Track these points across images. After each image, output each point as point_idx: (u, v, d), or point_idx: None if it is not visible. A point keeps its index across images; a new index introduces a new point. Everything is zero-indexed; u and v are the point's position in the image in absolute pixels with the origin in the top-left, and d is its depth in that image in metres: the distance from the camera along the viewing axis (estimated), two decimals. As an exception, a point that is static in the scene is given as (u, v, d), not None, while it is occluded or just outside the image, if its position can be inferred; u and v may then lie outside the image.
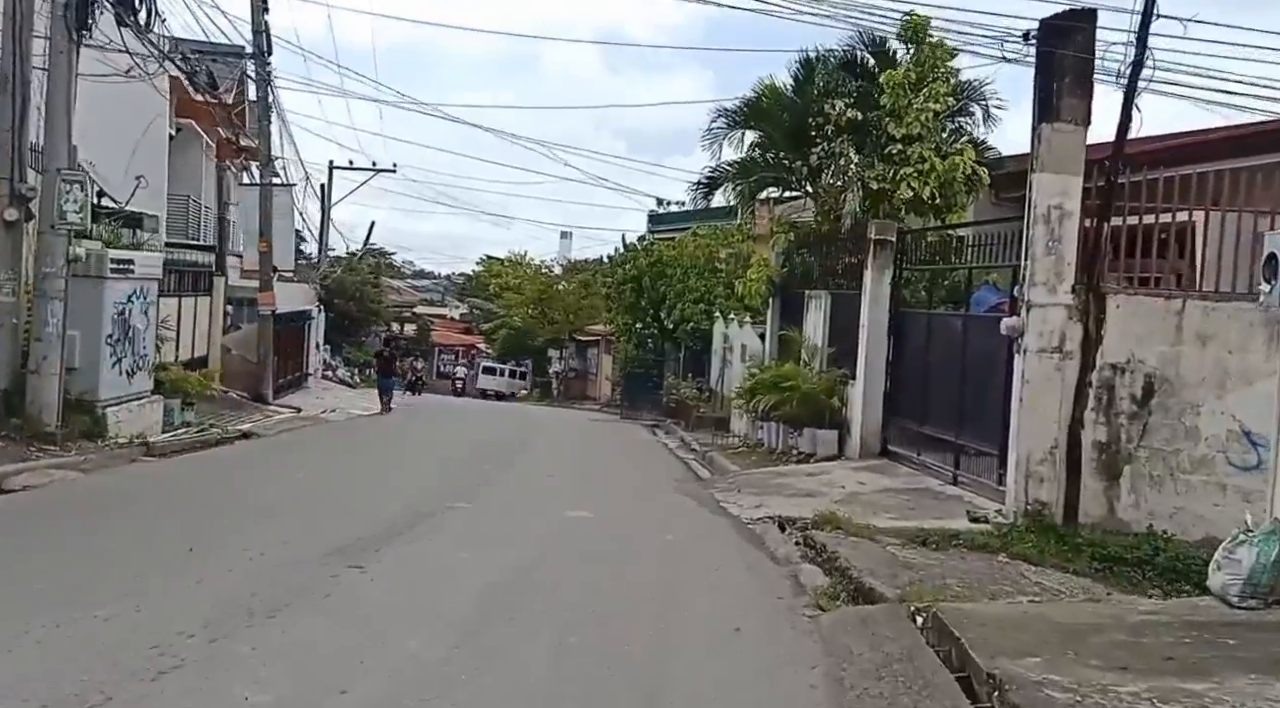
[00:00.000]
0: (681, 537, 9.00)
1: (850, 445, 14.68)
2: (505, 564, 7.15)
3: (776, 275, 18.64)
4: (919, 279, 15.33)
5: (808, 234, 17.96)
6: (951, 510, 10.80)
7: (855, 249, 16.00)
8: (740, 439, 18.94)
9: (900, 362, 14.17)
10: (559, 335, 45.41)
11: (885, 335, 14.28)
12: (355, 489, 10.99)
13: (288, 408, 21.80)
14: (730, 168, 18.45)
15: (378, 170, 52.67)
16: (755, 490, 12.36)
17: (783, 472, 13.90)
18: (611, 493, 12.04)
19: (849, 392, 14.94)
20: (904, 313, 14.31)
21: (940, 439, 12.66)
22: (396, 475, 12.55)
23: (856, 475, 13.05)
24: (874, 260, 14.35)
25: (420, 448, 16.74)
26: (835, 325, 16.11)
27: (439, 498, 10.17)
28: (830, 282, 16.77)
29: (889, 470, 13.25)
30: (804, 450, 15.34)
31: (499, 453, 16.22)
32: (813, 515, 10.22)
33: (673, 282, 28.20)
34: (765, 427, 17.05)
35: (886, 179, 16.18)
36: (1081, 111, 9.70)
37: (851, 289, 15.63)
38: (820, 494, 11.89)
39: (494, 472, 13.22)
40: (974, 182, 16.22)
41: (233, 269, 23.25)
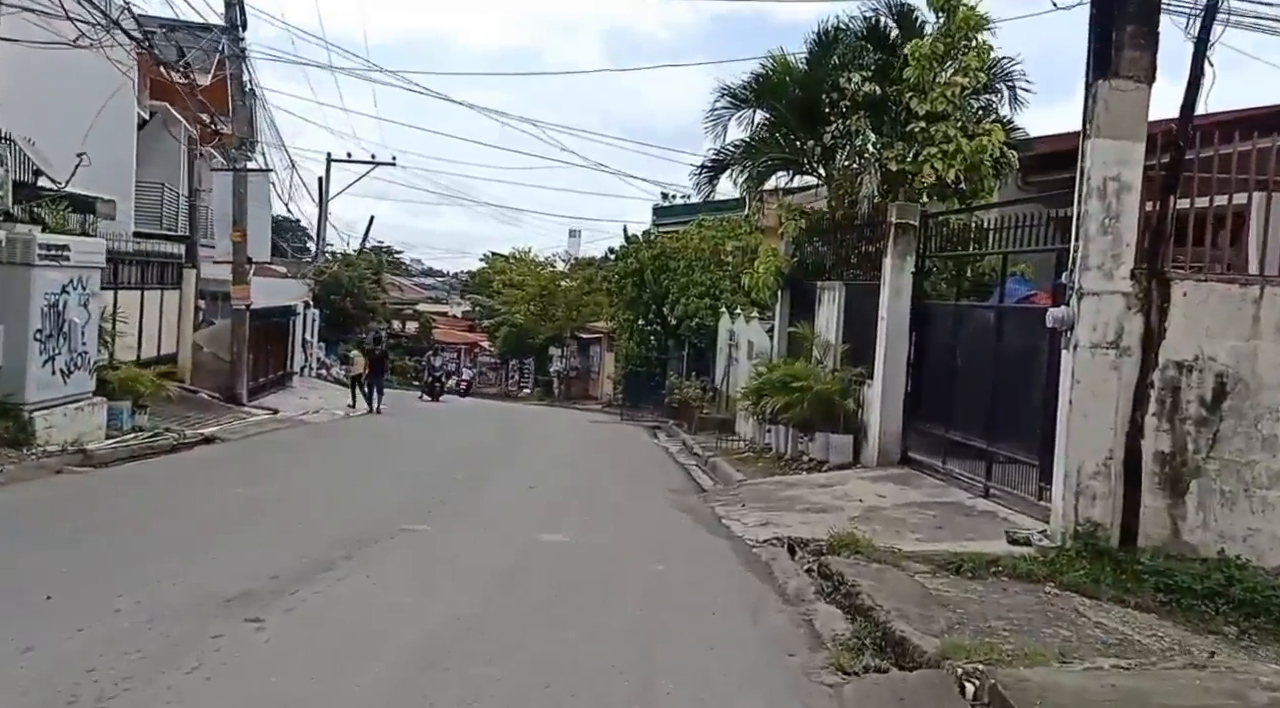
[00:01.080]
0: (673, 567, 7.60)
1: (867, 452, 13.28)
2: (441, 617, 5.71)
3: (786, 266, 17.23)
4: (943, 269, 13.92)
5: (820, 221, 16.53)
6: (986, 529, 9.41)
7: (873, 236, 14.60)
8: (746, 443, 17.55)
9: (923, 359, 12.76)
10: (560, 333, 43.97)
11: (906, 330, 12.87)
12: (299, 506, 9.59)
13: (264, 409, 20.45)
14: (736, 149, 17.03)
15: (376, 163, 51.58)
16: (762, 504, 10.98)
17: (792, 482, 12.49)
18: (598, 508, 10.64)
19: (865, 393, 13.53)
20: (927, 305, 12.90)
21: (969, 446, 11.25)
22: (354, 488, 11.19)
23: (875, 487, 11.64)
24: (894, 247, 12.94)
25: (395, 453, 15.37)
26: (850, 320, 14.70)
27: (395, 518, 8.80)
28: (844, 272, 15.35)
29: (911, 481, 11.84)
30: (815, 457, 13.95)
31: (481, 459, 14.87)
32: (828, 537, 8.85)
33: (676, 275, 26.77)
34: (773, 430, 15.66)
35: (907, 160, 14.75)
36: (1144, 65, 8.27)
37: (868, 280, 14.22)
38: (835, 509, 10.50)
39: (468, 482, 11.85)
40: (1003, 165, 14.80)
41: (207, 261, 21.89)
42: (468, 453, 15.84)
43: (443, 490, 11.00)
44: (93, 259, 12.69)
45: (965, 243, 12.98)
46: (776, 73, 16.55)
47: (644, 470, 15.14)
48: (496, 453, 16.12)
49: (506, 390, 55.48)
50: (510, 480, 12.40)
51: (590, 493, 11.80)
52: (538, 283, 44.69)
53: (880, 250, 14.00)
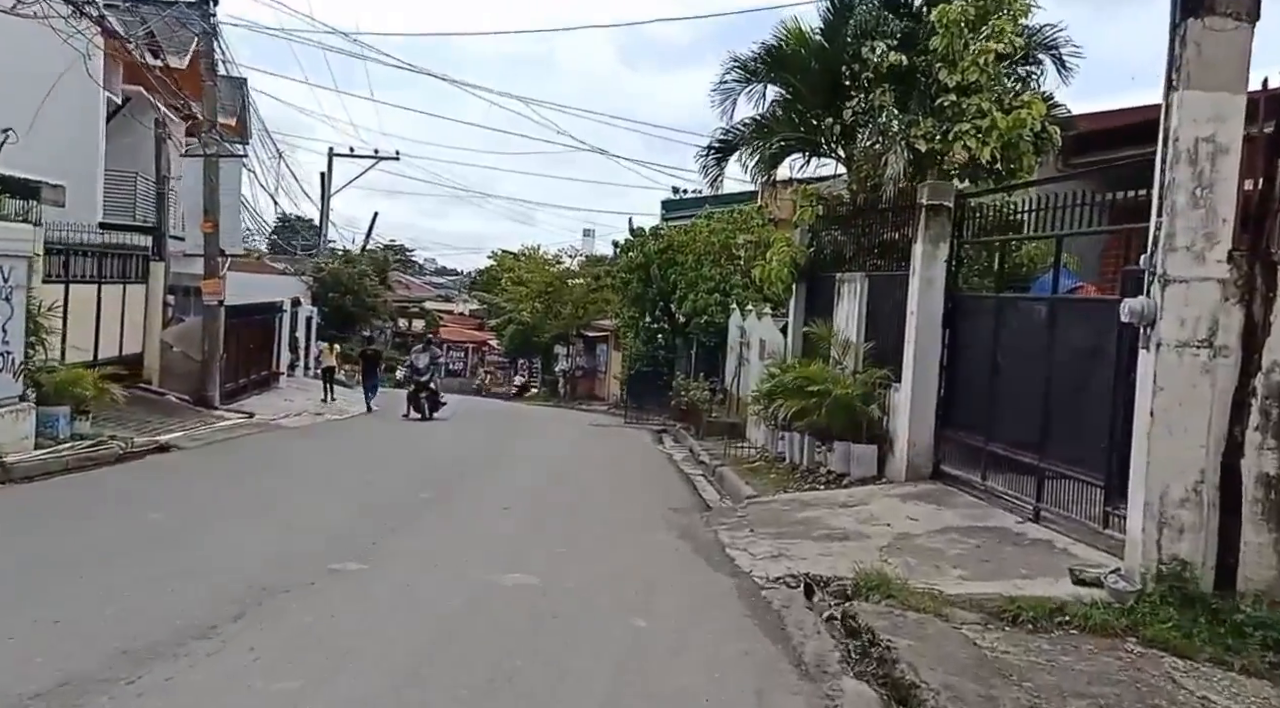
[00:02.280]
0: (661, 622, 6.08)
1: (893, 465, 11.73)
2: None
3: (801, 257, 15.66)
4: (976, 259, 12.38)
5: (839, 206, 14.97)
6: (1042, 564, 7.87)
7: (899, 221, 13.03)
8: (757, 451, 16.01)
9: (958, 360, 11.21)
10: (566, 331, 42.42)
11: (939, 326, 11.33)
12: (215, 536, 7.99)
13: (238, 413, 19.01)
14: (746, 129, 15.47)
15: (380, 157, 50.42)
16: (773, 529, 9.45)
17: (809, 500, 10.95)
18: (582, 535, 9.07)
19: (892, 397, 11.99)
20: (963, 298, 11.35)
21: (1015, 460, 9.71)
22: (296, 510, 9.65)
23: (905, 507, 10.10)
24: (925, 232, 11.38)
25: (361, 464, 13.87)
26: (874, 315, 13.15)
27: (328, 552, 7.31)
28: (867, 262, 13.78)
29: (946, 500, 10.28)
30: (835, 470, 12.42)
31: (459, 471, 13.38)
32: (853, 574, 7.36)
33: (684, 270, 25.23)
34: (787, 438, 14.13)
35: (936, 138, 13.17)
36: (1247, 0, 6.74)
37: (894, 270, 12.67)
38: (859, 537, 8.96)
39: (433, 503, 10.34)
40: (1044, 142, 13.22)
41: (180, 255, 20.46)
42: (446, 463, 14.35)
43: (400, 514, 9.47)
44: (18, 247, 11.25)
45: (1004, 228, 11.42)
46: (791, 44, 14.98)
47: (643, 484, 13.62)
48: (479, 463, 14.62)
49: (515, 389, 54.21)
50: (484, 499, 10.88)
51: (576, 514, 10.27)
52: (543, 279, 43.12)
53: (909, 237, 12.47)
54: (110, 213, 21.17)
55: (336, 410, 24.07)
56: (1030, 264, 12.86)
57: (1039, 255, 12.70)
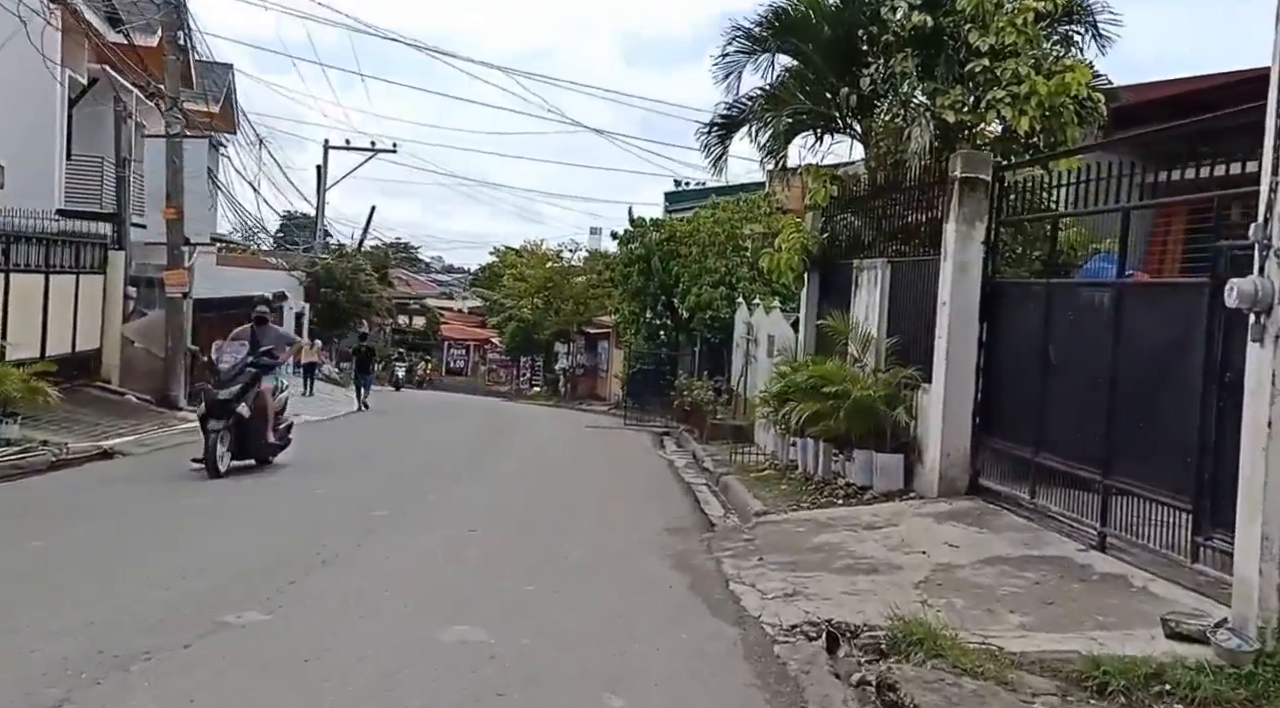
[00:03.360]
0: (643, 697, 4.63)
1: (923, 477, 10.27)
2: None
3: (814, 244, 14.17)
4: (1014, 241, 10.92)
5: (855, 186, 13.48)
6: (1121, 608, 6.40)
7: (925, 201, 11.57)
8: (766, 458, 14.55)
9: (999, 356, 9.75)
10: (567, 328, 40.94)
11: (975, 318, 9.86)
12: (98, 573, 6.34)
13: (206, 414, 17.60)
14: (752, 102, 13.99)
15: (377, 150, 49.05)
16: (787, 556, 7.99)
17: (827, 519, 9.48)
18: (556, 565, 7.54)
19: (920, 400, 10.52)
20: (1005, 284, 9.89)
21: (1072, 475, 8.25)
22: (215, 532, 8.14)
23: (941, 530, 8.64)
24: (959, 209, 9.90)
25: (325, 473, 12.41)
26: (897, 307, 11.68)
27: (228, 594, 5.83)
28: (889, 248, 12.30)
29: (989, 522, 8.81)
30: (855, 482, 10.96)
31: (430, 481, 11.91)
32: (888, 621, 5.91)
33: (687, 262, 23.77)
34: (799, 444, 12.68)
35: (966, 108, 11.70)
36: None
37: (921, 255, 11.21)
38: (890, 568, 7.50)
39: (386, 522, 8.85)
40: (1089, 111, 11.73)
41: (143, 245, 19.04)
42: (419, 471, 12.90)
43: (341, 538, 7.96)
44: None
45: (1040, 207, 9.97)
46: (801, 6, 13.49)
47: (638, 497, 12.15)
48: (457, 470, 13.17)
49: (518, 388, 52.86)
50: (449, 518, 9.40)
51: (555, 538, 8.78)
52: (541, 273, 41.66)
53: (937, 217, 11.01)
54: (76, 200, 19.83)
55: (316, 410, 22.67)
56: (1070, 250, 11.34)
57: (1080, 241, 11.22)
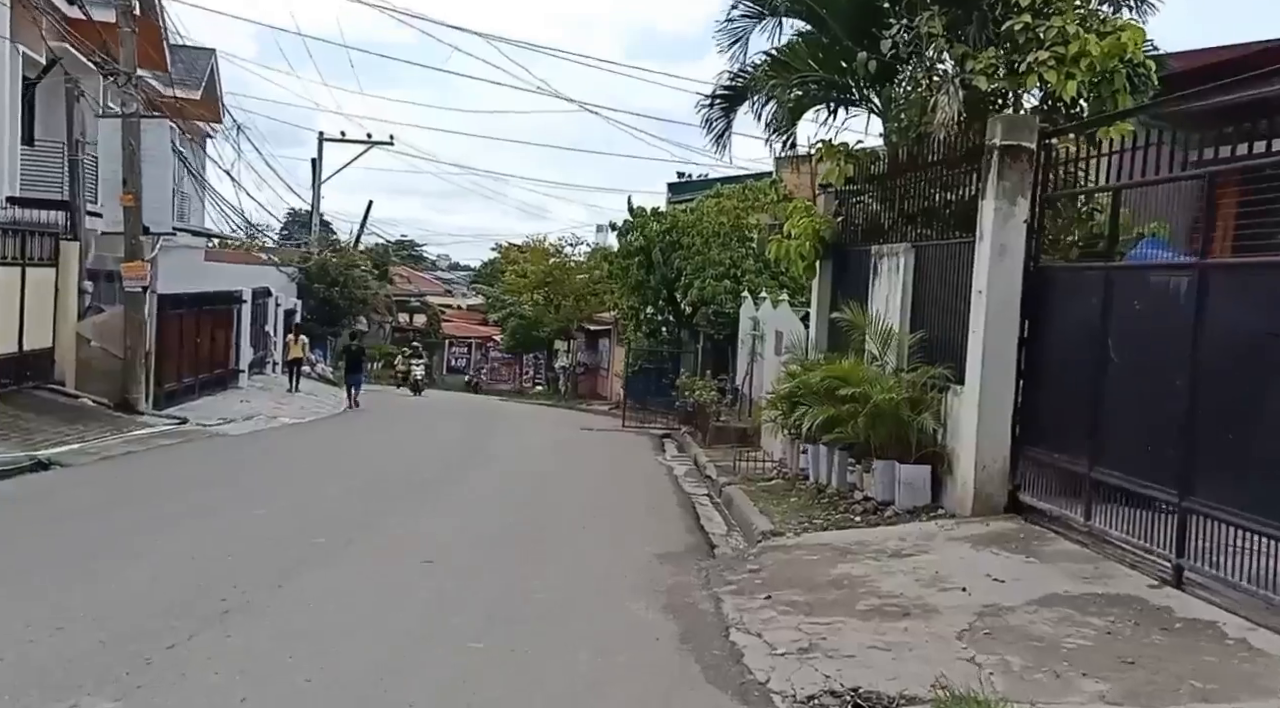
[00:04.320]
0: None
1: (953, 492, 8.93)
2: None
3: (827, 229, 12.80)
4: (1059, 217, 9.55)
5: (873, 163, 12.11)
6: (1221, 669, 5.07)
7: (955, 178, 10.21)
8: (774, 466, 13.22)
9: (1045, 353, 8.39)
10: (567, 325, 39.56)
11: (1017, 309, 8.51)
12: None
13: (169, 419, 16.36)
14: (759, 69, 12.64)
15: (373, 143, 47.73)
16: (800, 594, 6.65)
17: (846, 544, 8.12)
18: (517, 614, 6.08)
19: (950, 404, 9.18)
20: (1053, 270, 8.54)
21: (1138, 494, 6.90)
22: (107, 573, 6.60)
23: (980, 558, 7.30)
24: (998, 184, 8.54)
25: (268, 487, 11.03)
26: (922, 298, 10.34)
27: (74, 668, 4.54)
28: (913, 231, 10.94)
29: (1036, 548, 7.47)
30: (874, 496, 9.62)
31: (394, 496, 10.57)
32: (930, 692, 4.62)
33: (690, 254, 22.38)
34: (811, 452, 11.35)
35: (1001, 73, 10.33)
36: None
37: (951, 238, 9.85)
38: (926, 610, 6.16)
39: (324, 552, 7.44)
40: (1142, 78, 10.35)
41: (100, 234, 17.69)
42: (386, 483, 11.56)
43: (259, 575, 6.58)
44: None
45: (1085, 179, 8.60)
46: (815, -38, 12.16)
47: (630, 512, 10.79)
48: (430, 482, 11.82)
49: (520, 387, 51.56)
50: (405, 543, 8.02)
51: (525, 568, 7.40)
52: (540, 268, 40.30)
53: (969, 195, 9.68)
54: (38, 188, 18.56)
55: (298, 412, 21.42)
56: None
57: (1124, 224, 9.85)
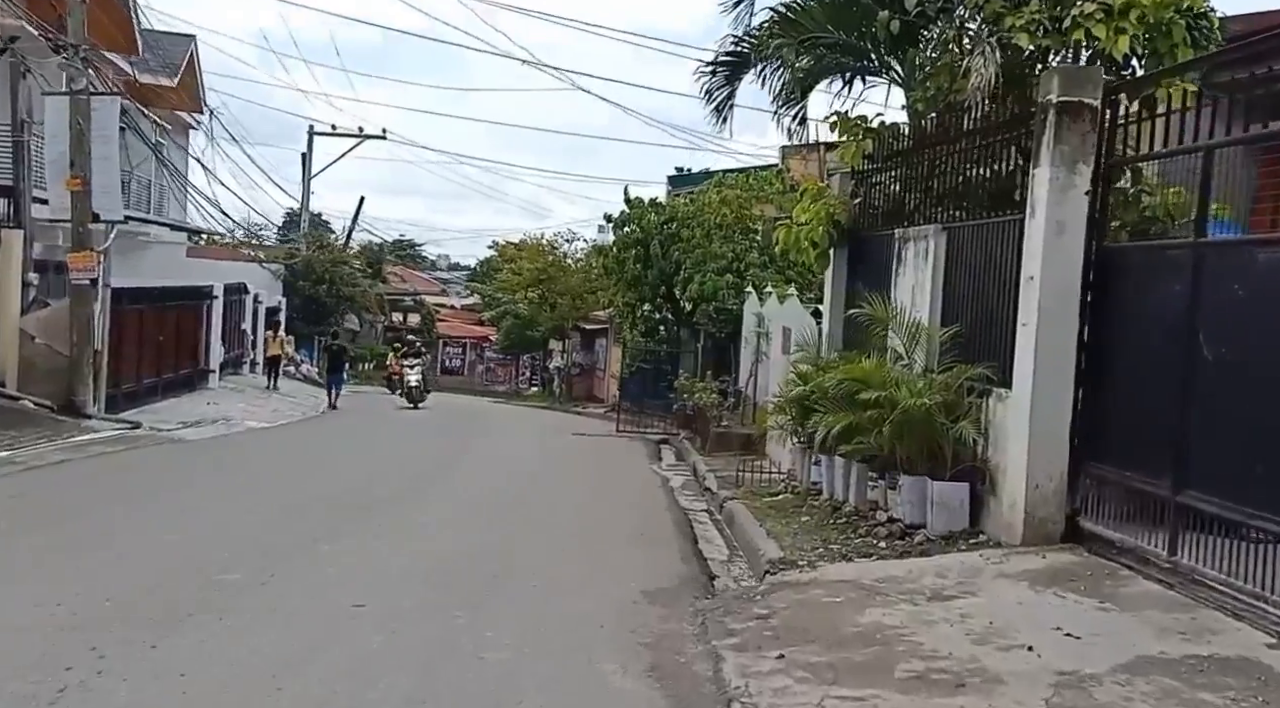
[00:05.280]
0: None
1: (997, 515, 7.54)
2: None
3: (842, 212, 11.40)
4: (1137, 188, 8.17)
5: (896, 138, 10.71)
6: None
7: (992, 150, 8.83)
8: (783, 478, 11.84)
9: (1114, 350, 7.01)
10: (562, 324, 38.12)
11: (1077, 298, 7.13)
12: None
13: (118, 423, 14.99)
14: (766, 32, 11.25)
15: (365, 136, 46.39)
16: (821, 654, 5.24)
17: (874, 581, 6.70)
18: (454, 684, 4.79)
19: (993, 411, 7.78)
20: (1122, 250, 7.18)
21: (1242, 524, 5.52)
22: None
23: (1040, 601, 5.91)
24: (1054, 148, 7.14)
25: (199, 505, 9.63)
26: (956, 287, 8.95)
27: None
28: (942, 212, 9.53)
29: (1109, 588, 6.07)
30: (901, 517, 8.23)
31: (339, 516, 9.10)
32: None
33: (690, 246, 20.99)
34: (825, 464, 9.99)
35: (1042, 30, 8.96)
36: None
37: (992, 217, 8.47)
38: (986, 679, 4.75)
39: (227, 594, 5.98)
40: (1203, 33, 8.98)
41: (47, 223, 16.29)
42: (334, 499, 10.07)
43: (129, 631, 5.15)
44: None
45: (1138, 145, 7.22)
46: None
47: (617, 535, 9.36)
48: (387, 498, 10.37)
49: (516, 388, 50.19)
50: (334, 581, 6.57)
51: (476, 616, 6.01)
52: (534, 264, 38.88)
53: (1012, 166, 8.32)
54: (-10, 174, 17.21)
55: (270, 414, 20.07)
56: (1166, 217, 8.56)
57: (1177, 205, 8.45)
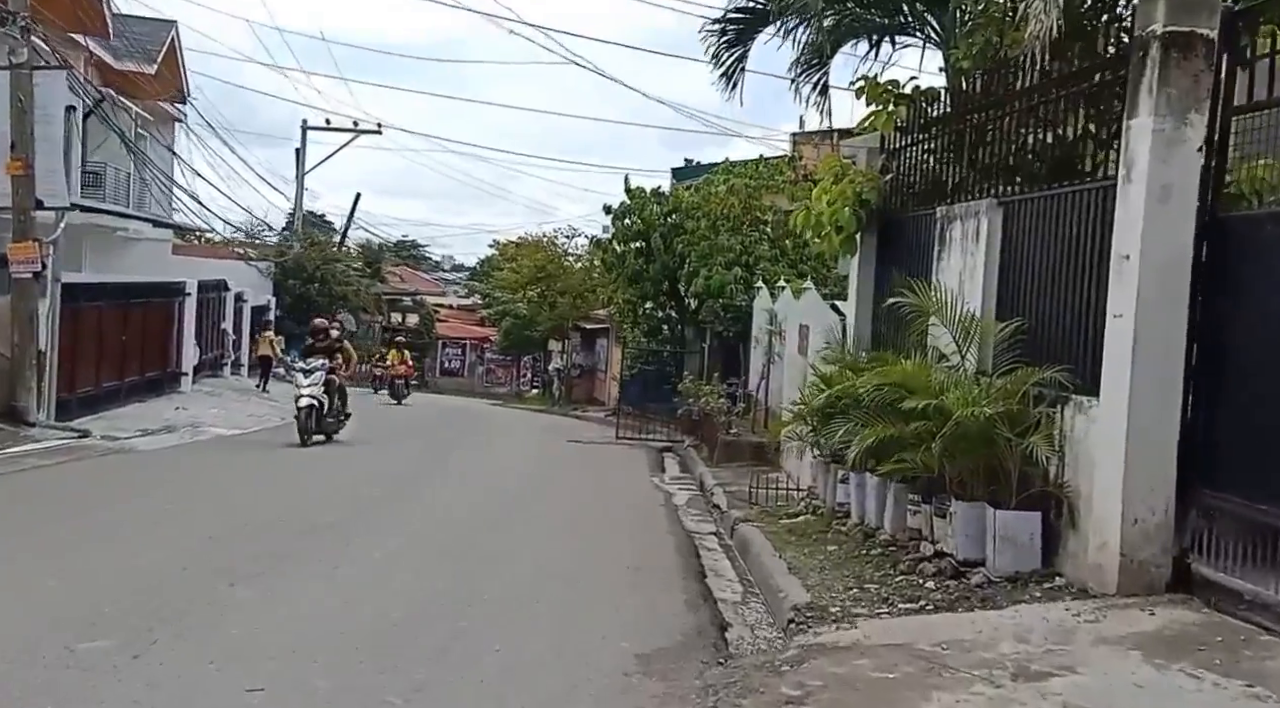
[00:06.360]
0: None
1: (1079, 552, 6.06)
2: None
3: (872, 191, 9.86)
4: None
5: (933, 104, 9.19)
6: None
7: (1057, 108, 7.33)
8: (803, 495, 10.35)
9: (1240, 350, 5.50)
10: (562, 323, 36.63)
11: (1187, 282, 5.63)
12: None
13: (65, 431, 13.56)
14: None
15: (360, 131, 45.02)
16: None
17: (931, 647, 5.17)
18: None
19: (1073, 424, 6.29)
20: (1250, 220, 5.68)
21: None
22: None
23: (1166, 682, 4.42)
24: (1158, 92, 5.63)
25: (119, 533, 8.22)
26: (1015, 272, 7.45)
27: None
28: (994, 186, 8.01)
29: (1246, 659, 4.58)
30: (954, 553, 6.74)
31: (278, 547, 7.60)
32: None
33: (695, 239, 19.49)
34: (855, 483, 8.51)
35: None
36: None
37: (1063, 186, 6.95)
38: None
39: (86, 671, 4.50)
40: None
41: None
42: (279, 526, 8.59)
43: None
44: None
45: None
46: None
47: (609, 570, 7.81)
48: (338, 524, 8.83)
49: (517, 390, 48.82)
50: (235, 645, 5.19)
51: (420, 696, 4.61)
52: (532, 262, 37.43)
53: (1078, 133, 6.87)
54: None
55: (245, 420, 18.62)
56: (1254, 194, 7.03)
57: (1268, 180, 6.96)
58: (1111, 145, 6.46)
